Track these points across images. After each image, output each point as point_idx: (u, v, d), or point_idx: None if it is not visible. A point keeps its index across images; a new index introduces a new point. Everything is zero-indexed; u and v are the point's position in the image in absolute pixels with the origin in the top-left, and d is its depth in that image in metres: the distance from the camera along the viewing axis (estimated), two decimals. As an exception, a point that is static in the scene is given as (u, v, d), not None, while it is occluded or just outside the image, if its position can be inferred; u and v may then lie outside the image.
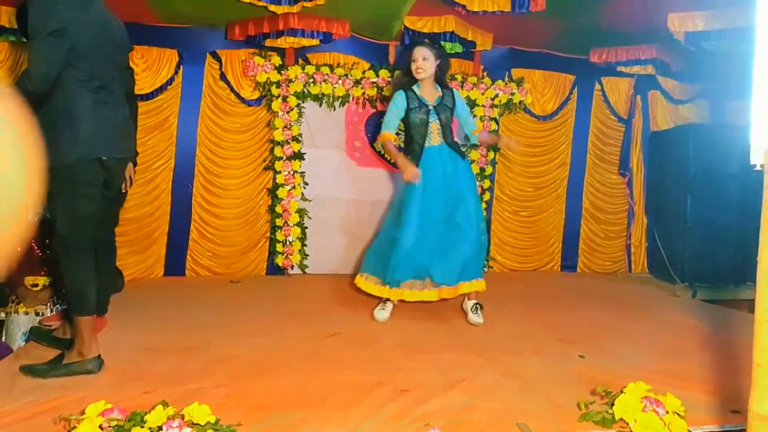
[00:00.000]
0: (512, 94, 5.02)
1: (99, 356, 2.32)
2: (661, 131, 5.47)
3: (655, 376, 2.34)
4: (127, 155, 2.50)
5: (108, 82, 2.30)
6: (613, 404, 1.83)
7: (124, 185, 2.86)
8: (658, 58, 4.84)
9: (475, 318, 3.27)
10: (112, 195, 2.54)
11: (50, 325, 2.90)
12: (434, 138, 3.30)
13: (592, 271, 5.48)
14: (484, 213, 5.04)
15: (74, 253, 2.26)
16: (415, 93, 3.29)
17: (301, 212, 4.67)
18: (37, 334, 2.74)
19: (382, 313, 3.31)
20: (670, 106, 5.57)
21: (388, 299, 3.34)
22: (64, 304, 3.05)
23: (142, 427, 1.58)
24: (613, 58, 4.91)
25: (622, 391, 1.86)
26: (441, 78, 3.34)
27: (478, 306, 3.31)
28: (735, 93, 5.38)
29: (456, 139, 3.42)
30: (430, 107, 3.27)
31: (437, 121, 3.27)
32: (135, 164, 3.13)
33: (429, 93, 3.30)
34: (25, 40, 3.77)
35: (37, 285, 3.50)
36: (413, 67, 3.22)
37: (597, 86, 5.40)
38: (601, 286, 4.80)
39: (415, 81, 3.28)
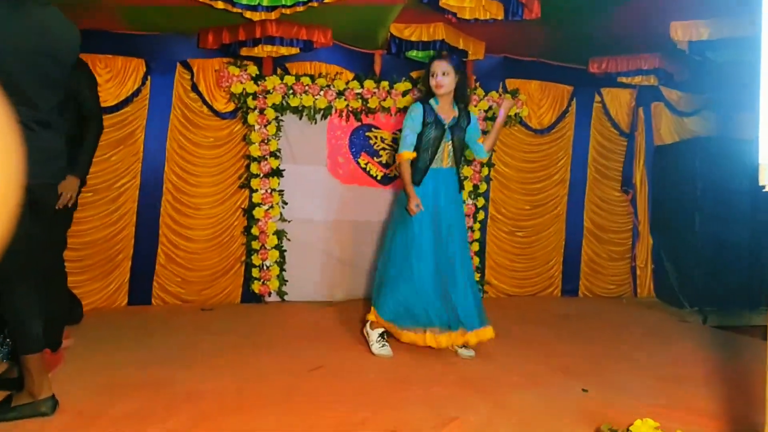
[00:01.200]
0: (507, 105, 5.07)
1: (53, 396, 2.27)
2: (666, 145, 5.56)
3: (663, 410, 2.35)
4: (54, 180, 2.40)
5: (36, 99, 2.21)
6: (618, 443, 1.83)
7: (64, 203, 2.86)
8: (662, 68, 4.93)
9: (467, 352, 3.26)
10: (43, 219, 2.45)
11: None
12: (444, 160, 3.32)
13: (595, 296, 5.51)
14: (478, 233, 5.10)
15: (10, 285, 2.20)
16: (432, 107, 3.30)
17: (279, 234, 4.65)
18: None
19: (384, 349, 3.25)
20: (675, 118, 5.67)
21: (385, 332, 3.31)
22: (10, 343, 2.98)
23: (99, 476, 1.53)
24: (613, 68, 4.99)
25: (628, 429, 1.86)
26: (460, 96, 3.36)
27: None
28: (743, 104, 5.49)
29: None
30: (446, 126, 3.29)
31: (450, 142, 3.30)
32: (83, 183, 3.10)
33: (446, 111, 3.32)
34: None
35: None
36: (432, 82, 3.24)
37: (597, 98, 5.49)
38: (605, 311, 4.82)
39: (433, 95, 3.31)
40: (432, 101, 3.31)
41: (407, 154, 3.28)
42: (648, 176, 5.59)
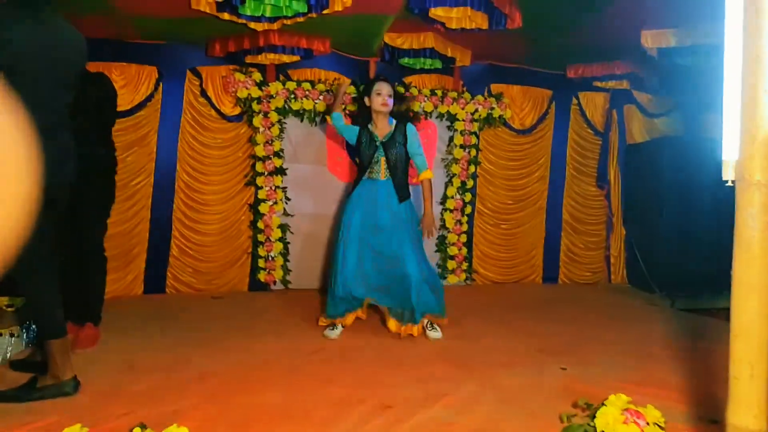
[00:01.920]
0: (492, 108, 5.07)
1: (75, 377, 2.26)
2: (637, 144, 5.57)
3: (635, 386, 2.36)
4: (69, 180, 2.35)
5: (54, 103, 2.21)
6: (594, 417, 1.83)
7: None
8: (633, 73, 4.93)
9: (433, 334, 3.26)
10: (57, 217, 2.38)
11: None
12: (381, 172, 3.35)
13: (573, 282, 5.52)
14: (465, 226, 5.09)
15: (35, 277, 2.20)
16: (368, 129, 3.40)
17: (283, 227, 4.64)
18: (12, 364, 2.67)
19: (334, 332, 3.28)
20: (645, 119, 5.67)
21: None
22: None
23: (118, 450, 1.53)
24: (589, 74, 5.00)
25: (603, 404, 1.87)
26: (399, 115, 3.41)
27: (430, 322, 3.31)
28: (707, 106, 5.50)
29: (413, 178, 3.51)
30: (378, 143, 3.35)
31: (384, 158, 3.34)
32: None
33: (381, 128, 3.39)
34: None
35: (12, 305, 3.41)
36: (379, 100, 3.30)
37: (574, 101, 5.49)
38: (582, 296, 4.83)
39: (370, 118, 3.39)
40: (369, 125, 3.40)
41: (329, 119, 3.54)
42: (621, 173, 5.59)
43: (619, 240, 5.62)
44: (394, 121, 3.40)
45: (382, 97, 3.29)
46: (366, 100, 3.38)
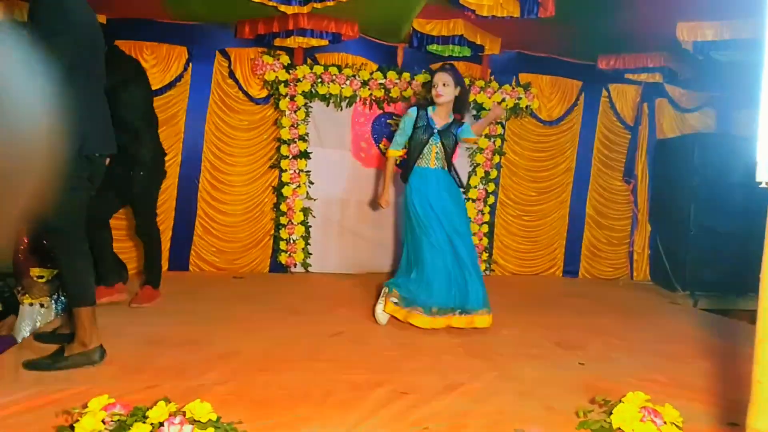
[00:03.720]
0: (519, 98, 5.01)
1: (101, 346, 2.34)
2: (667, 139, 5.46)
3: (654, 385, 2.34)
4: (109, 151, 2.47)
5: (102, 74, 2.39)
6: (611, 413, 1.83)
7: None
8: (666, 66, 4.82)
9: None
10: (94, 189, 2.49)
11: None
12: (431, 161, 3.33)
13: (594, 277, 5.47)
14: (487, 216, 5.08)
15: (71, 246, 2.28)
16: (427, 113, 3.33)
17: (305, 211, 4.68)
18: (38, 336, 2.76)
19: (383, 316, 3.27)
20: (677, 114, 5.55)
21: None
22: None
23: (143, 422, 1.58)
24: (621, 65, 4.90)
25: (620, 400, 1.86)
26: (459, 107, 3.37)
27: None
28: (742, 102, 5.36)
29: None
30: (435, 130, 3.31)
31: (437, 144, 3.31)
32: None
33: (441, 118, 3.34)
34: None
35: (42, 277, 3.51)
36: (433, 91, 3.26)
37: (604, 93, 5.39)
38: (603, 292, 4.79)
39: (432, 103, 3.32)
40: (429, 108, 3.34)
41: (393, 152, 3.44)
42: (649, 168, 5.50)
43: (644, 236, 5.54)
44: (453, 116, 3.37)
45: (435, 89, 3.24)
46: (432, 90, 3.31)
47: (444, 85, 3.23)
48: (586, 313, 3.86)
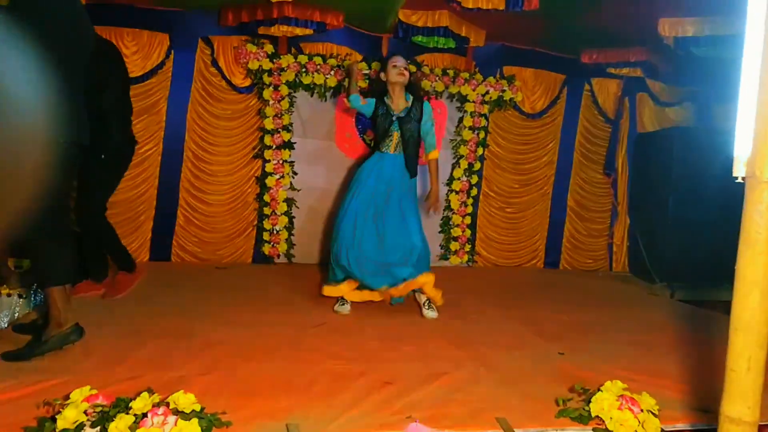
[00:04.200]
0: (503, 91, 5.03)
1: (77, 324, 2.33)
2: (647, 133, 5.53)
3: (631, 374, 2.39)
4: (84, 142, 2.44)
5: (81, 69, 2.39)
6: (590, 401, 1.87)
7: None
8: (648, 61, 4.88)
9: (430, 313, 3.30)
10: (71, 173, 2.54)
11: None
12: (392, 146, 3.37)
13: (575, 269, 5.55)
14: (470, 208, 5.10)
15: (47, 226, 2.28)
16: (383, 102, 3.40)
17: (289, 202, 4.66)
18: (16, 327, 2.73)
19: (344, 307, 3.32)
20: (657, 108, 5.63)
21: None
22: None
23: (127, 413, 1.58)
24: (603, 60, 4.94)
25: (599, 389, 1.90)
26: (413, 89, 3.42)
27: (428, 301, 3.35)
28: (721, 97, 5.45)
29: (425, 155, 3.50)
30: (394, 117, 3.35)
31: (398, 132, 3.35)
32: None
33: (397, 103, 3.38)
34: None
35: (21, 267, 3.45)
36: (395, 71, 3.30)
37: (586, 86, 5.44)
38: (583, 283, 4.86)
39: (386, 92, 3.39)
40: (386, 97, 3.40)
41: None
42: (629, 161, 5.57)
43: (623, 228, 5.63)
44: (411, 98, 3.40)
45: (398, 69, 3.31)
46: (382, 75, 3.40)
47: (405, 67, 3.33)
48: (566, 304, 3.92)
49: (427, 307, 3.32)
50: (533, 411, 1.99)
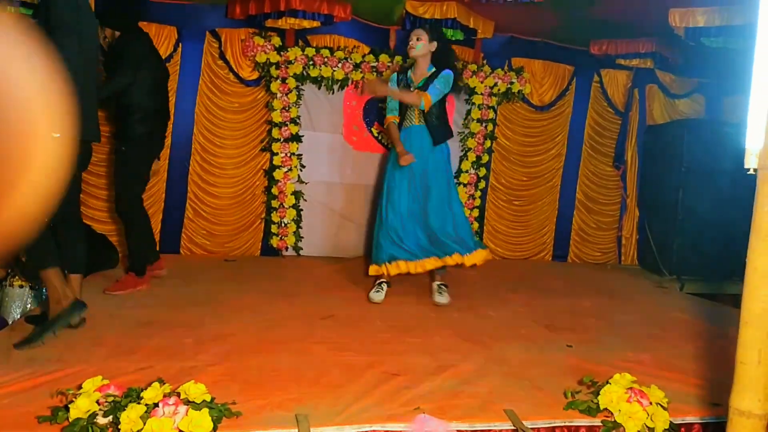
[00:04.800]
0: (511, 83, 5.00)
1: (77, 299, 2.44)
2: (657, 125, 5.49)
3: (640, 366, 2.39)
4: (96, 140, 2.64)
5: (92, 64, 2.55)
6: (598, 394, 1.87)
7: None
8: (658, 52, 4.83)
9: (440, 298, 3.35)
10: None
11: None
12: (415, 118, 3.38)
13: (583, 262, 5.53)
14: (478, 201, 5.09)
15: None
16: (406, 75, 3.41)
17: (297, 194, 4.67)
18: (28, 318, 2.77)
19: (378, 295, 3.35)
20: (667, 100, 5.58)
21: (383, 281, 3.37)
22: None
23: (138, 403, 1.60)
24: (612, 51, 4.90)
25: (607, 382, 1.91)
26: (438, 59, 3.37)
27: (442, 286, 3.39)
28: (731, 89, 5.40)
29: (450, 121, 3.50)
30: (413, 88, 3.34)
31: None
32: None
33: (419, 74, 3.38)
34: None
35: (31, 259, 3.49)
36: (409, 46, 3.33)
37: (596, 78, 5.40)
38: (591, 276, 4.85)
39: (411, 64, 3.37)
40: (410, 70, 3.42)
41: (390, 117, 3.46)
42: (639, 153, 5.53)
43: (632, 221, 5.60)
44: (434, 68, 3.37)
45: (410, 43, 3.32)
46: None
47: (417, 39, 3.30)
48: (575, 296, 3.92)
49: (438, 293, 3.35)
50: (541, 403, 1.99)
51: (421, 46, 3.30)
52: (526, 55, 5.16)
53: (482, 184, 5.12)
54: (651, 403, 1.80)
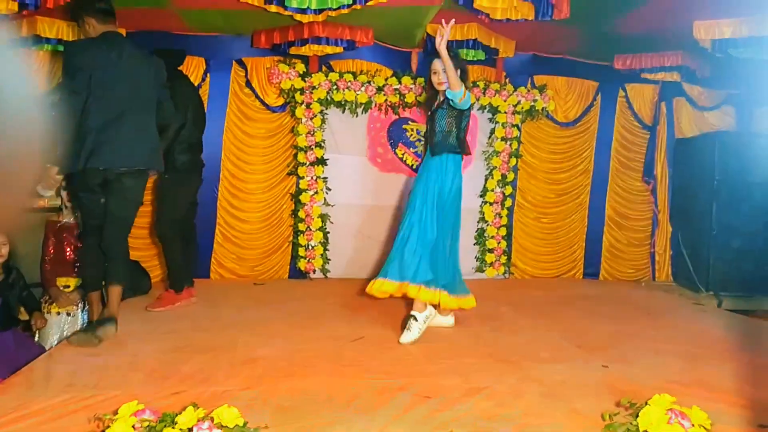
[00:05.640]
0: (535, 100, 5.00)
1: (109, 317, 2.84)
2: (687, 138, 5.40)
3: (679, 387, 2.32)
4: (131, 164, 2.89)
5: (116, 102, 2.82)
6: (637, 416, 1.82)
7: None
8: (684, 65, 4.77)
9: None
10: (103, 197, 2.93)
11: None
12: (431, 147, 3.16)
13: (615, 279, 5.43)
14: (505, 219, 5.04)
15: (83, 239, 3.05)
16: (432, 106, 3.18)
17: (323, 217, 4.71)
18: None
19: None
20: (696, 113, 5.49)
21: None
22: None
23: (173, 428, 1.61)
24: (637, 65, 4.86)
25: (646, 403, 1.85)
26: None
27: (411, 318, 3.04)
28: (762, 100, 5.30)
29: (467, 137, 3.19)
30: (429, 115, 3.19)
31: (430, 127, 3.15)
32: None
33: (440, 101, 3.13)
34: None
35: (68, 286, 3.59)
36: (435, 79, 3.10)
37: (621, 93, 5.35)
38: (624, 293, 4.75)
39: (435, 93, 3.16)
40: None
41: None
42: (669, 168, 5.44)
43: (665, 237, 5.48)
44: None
45: (437, 76, 3.06)
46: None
47: (443, 70, 3.00)
48: (608, 314, 3.83)
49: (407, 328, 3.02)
50: (579, 426, 1.95)
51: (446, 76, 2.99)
52: (548, 72, 5.16)
53: (509, 203, 5.09)
54: (693, 425, 1.74)
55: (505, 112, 4.96)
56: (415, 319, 3.01)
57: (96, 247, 2.93)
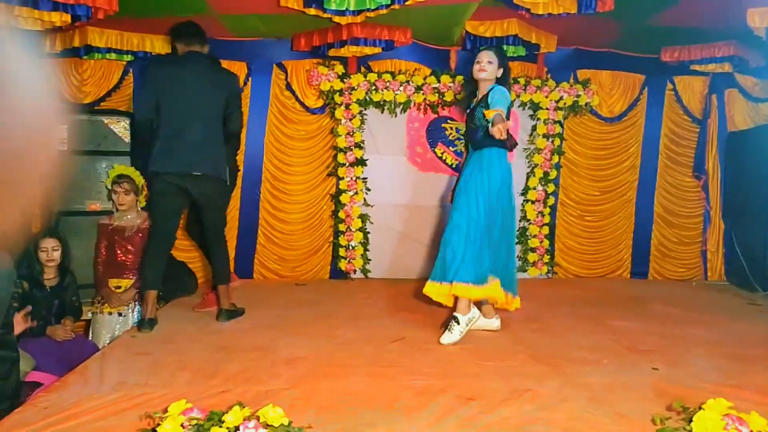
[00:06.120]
0: (578, 95, 4.88)
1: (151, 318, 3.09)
2: (740, 131, 5.17)
3: (734, 391, 2.22)
4: (184, 170, 3.10)
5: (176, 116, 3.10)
6: (690, 421, 1.75)
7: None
8: (736, 55, 4.58)
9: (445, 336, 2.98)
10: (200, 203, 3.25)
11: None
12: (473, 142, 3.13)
13: (665, 279, 5.24)
14: (548, 218, 4.94)
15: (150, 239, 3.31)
16: (472, 101, 3.15)
17: (363, 217, 4.74)
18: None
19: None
20: (749, 104, 5.25)
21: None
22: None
23: (220, 427, 1.65)
24: (686, 57, 4.69)
25: (700, 407, 1.78)
26: (500, 83, 3.06)
27: (453, 319, 2.98)
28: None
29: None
30: (468, 112, 3.15)
31: (471, 123, 3.10)
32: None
33: (480, 96, 3.08)
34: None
35: (120, 287, 3.72)
36: (476, 67, 3.04)
37: (669, 86, 5.18)
38: (675, 294, 4.57)
39: (475, 88, 3.13)
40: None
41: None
42: (720, 162, 5.22)
43: (718, 234, 5.26)
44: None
45: (479, 65, 3.02)
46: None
47: (489, 62, 3.00)
48: (658, 315, 3.71)
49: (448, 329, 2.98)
50: (628, 430, 1.89)
51: (492, 70, 3.02)
52: (592, 67, 5.04)
53: (551, 201, 5.00)
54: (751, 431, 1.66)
55: (546, 109, 4.87)
56: (457, 321, 2.96)
57: (160, 249, 3.17)
